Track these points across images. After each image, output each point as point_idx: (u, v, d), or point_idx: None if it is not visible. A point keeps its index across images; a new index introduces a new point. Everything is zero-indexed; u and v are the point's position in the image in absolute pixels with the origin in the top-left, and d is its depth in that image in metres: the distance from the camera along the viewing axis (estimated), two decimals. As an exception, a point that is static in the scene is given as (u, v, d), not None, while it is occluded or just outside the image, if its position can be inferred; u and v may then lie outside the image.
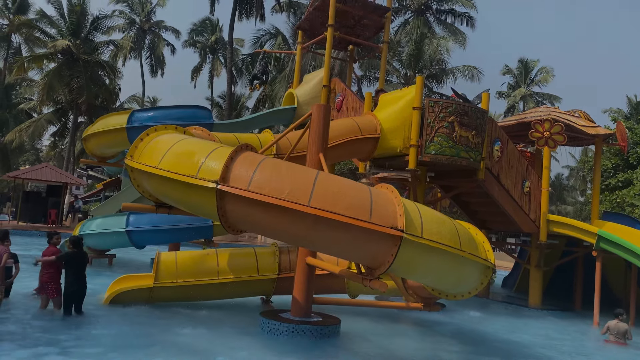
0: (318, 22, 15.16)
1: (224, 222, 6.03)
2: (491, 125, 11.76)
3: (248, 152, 6.25)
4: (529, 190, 12.73)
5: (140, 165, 6.63)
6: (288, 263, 9.87)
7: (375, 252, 5.82)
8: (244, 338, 7.66)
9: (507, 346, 9.08)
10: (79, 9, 34.48)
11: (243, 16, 33.52)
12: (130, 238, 12.95)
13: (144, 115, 12.42)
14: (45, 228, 23.73)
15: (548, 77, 49.03)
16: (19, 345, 6.42)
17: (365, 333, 8.84)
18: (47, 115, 38.04)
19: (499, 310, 12.93)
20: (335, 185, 5.89)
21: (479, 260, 6.54)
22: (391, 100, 11.39)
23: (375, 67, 31.89)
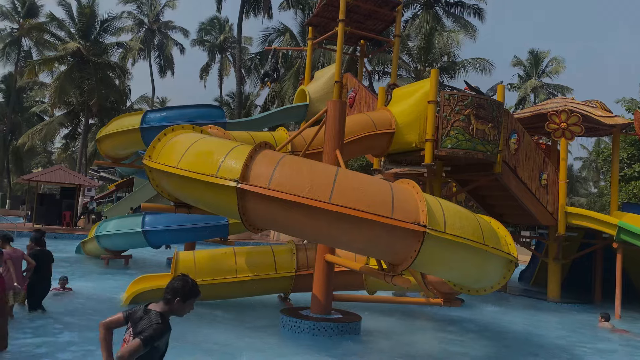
0: (328, 18, 15.06)
1: (244, 220, 6.00)
2: (507, 117, 11.63)
3: (267, 150, 6.21)
4: (546, 182, 12.59)
5: (159, 165, 6.62)
6: (305, 260, 9.84)
7: (398, 248, 5.76)
8: (265, 336, 7.65)
9: (529, 340, 8.99)
10: (88, 11, 34.69)
11: (251, 14, 33.48)
12: (146, 238, 13.01)
13: (158, 115, 12.41)
14: (60, 230, 23.95)
15: (559, 68, 48.57)
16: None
17: (385, 329, 8.79)
18: (59, 117, 38.35)
19: (517, 304, 12.81)
20: (355, 182, 5.83)
21: (501, 254, 6.46)
22: (405, 94, 11.29)
23: (384, 62, 31.74)
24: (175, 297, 3.44)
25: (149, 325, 3.30)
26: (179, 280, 3.52)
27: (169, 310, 3.46)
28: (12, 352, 6.12)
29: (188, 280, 3.53)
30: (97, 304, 9.35)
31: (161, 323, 3.34)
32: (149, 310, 3.43)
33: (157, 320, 3.34)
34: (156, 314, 3.38)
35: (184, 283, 3.49)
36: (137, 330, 3.33)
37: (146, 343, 3.22)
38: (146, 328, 3.28)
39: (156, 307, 3.45)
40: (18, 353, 6.14)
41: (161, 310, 3.43)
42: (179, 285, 3.48)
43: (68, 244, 19.20)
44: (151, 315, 3.38)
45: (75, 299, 9.62)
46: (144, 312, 3.44)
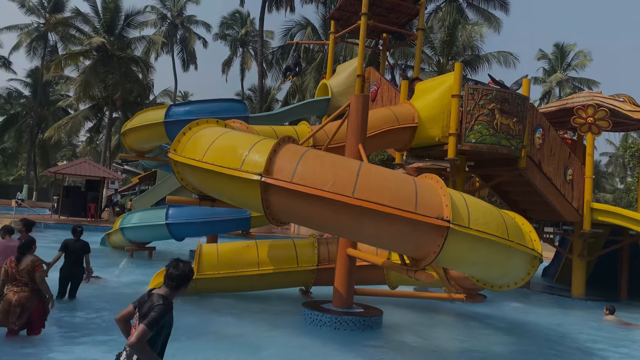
0: (351, 11, 15.02)
1: (268, 214, 6.05)
2: (532, 112, 11.46)
3: (290, 144, 6.23)
4: (571, 178, 12.38)
5: (184, 159, 6.70)
6: (327, 254, 9.88)
7: (421, 243, 5.74)
8: (287, 329, 7.71)
9: (553, 339, 8.87)
10: (112, 5, 35.13)
11: (273, 8, 33.50)
12: (169, 230, 13.18)
13: (181, 109, 12.52)
14: (85, 222, 24.39)
15: (585, 62, 47.62)
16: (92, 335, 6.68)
17: (407, 324, 8.78)
18: (84, 111, 39.00)
19: (541, 301, 12.67)
20: (379, 176, 5.82)
21: (526, 250, 6.38)
22: (428, 88, 11.20)
23: (406, 56, 31.47)
24: (172, 284, 3.71)
25: (152, 307, 3.52)
26: (173, 267, 3.75)
27: (170, 293, 3.70)
28: (42, 337, 6.30)
29: (179, 266, 3.75)
30: (123, 295, 9.52)
31: (162, 304, 3.55)
32: (152, 293, 3.67)
33: (158, 301, 3.56)
34: (158, 296, 3.61)
35: (178, 272, 3.72)
36: (142, 312, 3.55)
37: (151, 326, 3.44)
38: (150, 310, 3.50)
39: (159, 290, 3.70)
40: (48, 337, 6.33)
41: (163, 293, 3.66)
42: (173, 274, 3.72)
43: (92, 235, 19.50)
44: (153, 297, 3.61)
45: (102, 290, 9.81)
46: (148, 295, 3.69)
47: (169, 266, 3.76)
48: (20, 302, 5.98)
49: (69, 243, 8.39)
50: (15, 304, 5.96)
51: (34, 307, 6.12)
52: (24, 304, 6.00)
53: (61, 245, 8.34)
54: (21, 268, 6.07)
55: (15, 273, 6.04)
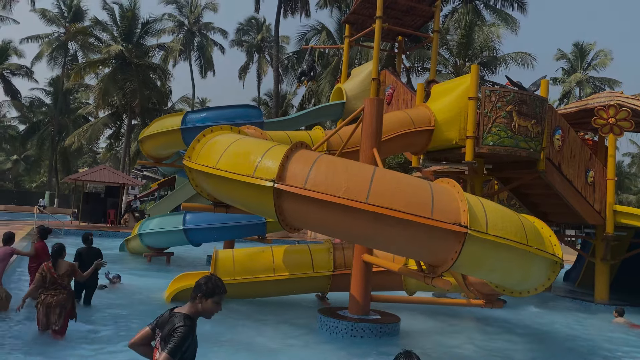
0: (365, 14, 14.94)
1: (281, 220, 6.00)
2: (551, 113, 11.25)
3: (303, 150, 6.18)
4: (593, 180, 12.11)
5: (198, 166, 6.69)
6: (342, 260, 9.80)
7: (438, 250, 5.63)
8: (303, 336, 7.65)
9: (577, 345, 8.66)
10: (130, 14, 35.58)
11: (288, 13, 33.59)
12: (187, 236, 13.25)
13: (197, 116, 12.59)
14: (105, 228, 24.68)
15: (606, 61, 46.73)
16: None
17: (424, 331, 8.65)
18: (103, 118, 39.53)
19: (563, 306, 12.40)
20: (393, 181, 5.73)
21: (546, 255, 6.23)
22: (445, 90, 11.07)
23: (422, 58, 31.28)
24: (198, 294, 3.30)
25: (174, 330, 3.17)
26: (204, 277, 3.41)
27: (194, 311, 3.32)
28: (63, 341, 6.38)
29: (212, 277, 3.41)
30: (141, 300, 9.59)
31: (184, 325, 3.18)
32: (174, 313, 3.30)
33: (180, 322, 3.20)
34: (180, 316, 3.24)
35: (207, 279, 3.36)
36: (163, 335, 3.24)
37: (174, 354, 3.11)
38: (172, 335, 3.16)
39: (181, 309, 3.33)
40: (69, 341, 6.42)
41: (187, 312, 3.29)
42: (201, 282, 3.34)
43: (112, 241, 19.74)
44: (174, 318, 3.25)
45: (121, 295, 9.88)
46: (169, 315, 3.31)
47: (200, 278, 3.42)
48: (60, 303, 6.39)
49: (82, 252, 8.46)
50: (55, 305, 6.35)
51: (69, 307, 6.55)
52: (63, 304, 6.43)
53: (76, 255, 8.40)
54: (61, 272, 6.53)
55: (56, 278, 6.46)
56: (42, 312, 6.38)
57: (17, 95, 51.09)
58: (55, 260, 6.60)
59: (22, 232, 18.78)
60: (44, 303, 6.38)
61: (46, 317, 6.38)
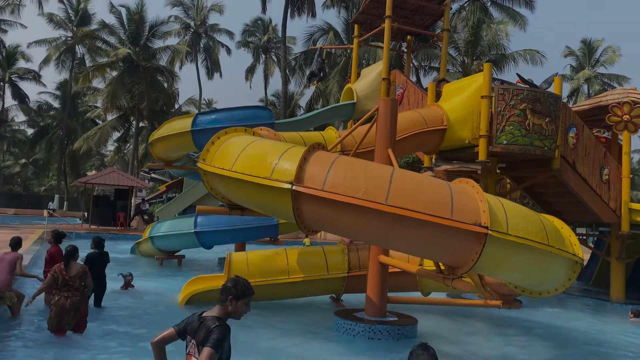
0: (374, 14, 14.88)
1: (299, 222, 5.94)
2: (565, 111, 11.14)
3: (320, 151, 6.13)
4: (607, 178, 11.98)
5: (213, 169, 6.66)
6: (357, 261, 9.74)
7: (458, 251, 5.56)
8: (320, 338, 7.59)
9: (595, 346, 8.55)
10: (137, 17, 35.68)
11: (295, 13, 33.57)
12: (198, 239, 13.23)
13: (208, 118, 12.56)
14: (115, 230, 24.75)
15: (615, 57, 46.38)
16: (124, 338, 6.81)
17: (442, 332, 8.56)
18: (111, 121, 39.69)
19: (578, 306, 12.29)
20: (412, 182, 5.67)
21: (567, 255, 6.14)
22: (457, 89, 10.99)
23: (430, 57, 31.16)
24: (228, 297, 3.36)
25: (210, 330, 3.22)
26: (231, 280, 3.46)
27: (224, 313, 3.38)
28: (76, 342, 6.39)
29: (239, 279, 3.46)
30: (154, 303, 9.58)
31: (220, 324, 3.26)
32: (204, 317, 3.35)
33: (214, 323, 3.26)
34: (212, 319, 3.30)
35: (235, 282, 3.42)
36: (199, 340, 3.25)
37: (216, 347, 3.15)
38: (210, 333, 3.20)
39: (211, 313, 3.37)
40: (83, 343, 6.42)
41: (217, 315, 3.35)
42: (231, 285, 3.41)
43: (123, 244, 19.80)
44: (207, 321, 3.30)
45: (133, 298, 9.87)
46: (199, 320, 3.35)
47: (227, 281, 3.49)
48: (74, 305, 6.51)
49: (93, 256, 8.44)
50: (68, 307, 6.47)
51: (83, 309, 6.68)
52: (77, 306, 6.56)
53: (86, 260, 8.38)
54: (73, 274, 6.58)
55: (67, 279, 6.52)
56: (54, 312, 6.48)
57: (25, 100, 51.42)
58: (67, 262, 6.67)
59: (33, 235, 18.88)
60: (57, 304, 6.48)
61: (58, 318, 6.48)
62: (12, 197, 52.10)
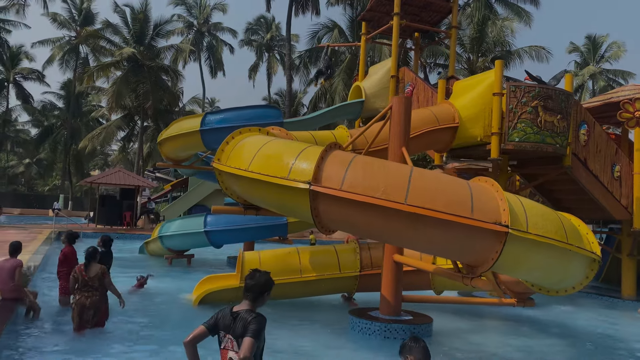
0: (382, 12, 14.85)
1: (317, 222, 5.93)
2: (576, 107, 11.09)
3: (338, 151, 6.11)
4: (619, 174, 11.93)
5: (229, 169, 6.64)
6: (369, 260, 9.71)
7: (478, 250, 5.54)
8: (335, 337, 7.58)
9: (610, 344, 8.52)
10: (142, 16, 35.67)
11: (299, 11, 33.50)
12: (208, 238, 13.23)
13: (216, 117, 12.50)
14: (121, 230, 24.78)
15: (619, 53, 46.17)
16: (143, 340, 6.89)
17: (457, 331, 8.54)
18: (116, 121, 39.72)
19: (590, 303, 12.24)
20: (432, 181, 5.65)
21: (585, 253, 6.11)
22: (468, 86, 10.95)
23: (435, 54, 31.07)
24: (265, 292, 3.59)
25: (249, 322, 3.37)
26: (260, 276, 3.62)
27: (254, 308, 3.55)
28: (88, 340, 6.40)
29: (263, 273, 3.68)
30: (167, 302, 9.59)
31: (256, 316, 3.42)
32: (237, 312, 3.47)
33: (251, 315, 3.41)
34: (247, 311, 3.45)
35: (265, 277, 3.63)
36: (237, 333, 3.37)
37: (257, 337, 3.31)
38: (249, 324, 3.35)
39: (242, 307, 3.51)
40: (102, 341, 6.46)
41: (249, 308, 3.51)
42: (262, 280, 3.59)
43: (130, 243, 19.82)
44: (243, 314, 3.44)
45: (145, 298, 9.87)
46: (232, 315, 3.47)
47: (246, 277, 3.65)
48: (94, 304, 6.72)
49: (101, 254, 8.44)
50: (89, 306, 6.69)
51: (103, 308, 6.90)
52: (97, 306, 6.77)
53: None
54: (92, 275, 6.75)
55: (86, 280, 6.70)
56: (76, 311, 6.71)
57: (29, 100, 51.49)
58: (88, 262, 6.84)
59: (42, 236, 18.90)
60: (78, 303, 6.71)
61: (79, 316, 6.71)
62: (17, 197, 52.21)
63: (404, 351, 3.36)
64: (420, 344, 3.36)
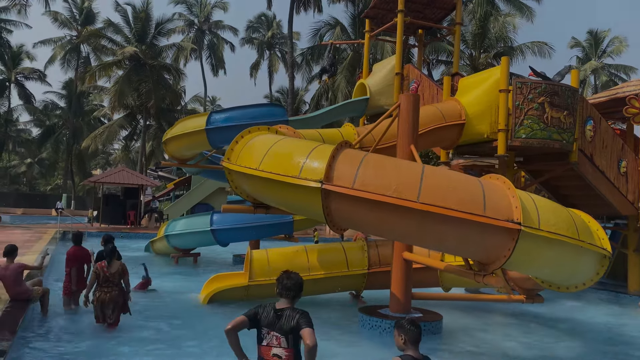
0: (385, 9, 14.79)
1: (329, 221, 5.94)
2: (582, 103, 11.08)
3: (349, 149, 6.12)
4: (625, 170, 11.92)
5: (239, 168, 6.65)
6: (377, 257, 9.74)
7: (490, 247, 5.55)
8: (346, 335, 7.60)
9: (618, 339, 8.53)
10: (143, 15, 35.64)
11: (301, 9, 33.44)
12: (215, 236, 13.25)
13: (222, 116, 12.50)
14: (125, 229, 24.81)
15: (621, 47, 46.06)
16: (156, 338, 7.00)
17: (466, 328, 8.56)
18: (119, 120, 39.71)
19: (597, 299, 12.26)
20: (443, 179, 5.66)
21: (597, 249, 6.13)
22: (473, 83, 10.93)
23: (438, 50, 31.02)
24: (300, 292, 3.86)
25: (299, 317, 3.65)
26: (293, 277, 3.88)
27: (294, 303, 3.82)
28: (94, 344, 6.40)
29: (296, 273, 3.96)
30: (176, 301, 9.62)
31: (302, 311, 3.72)
32: (280, 309, 3.72)
33: (296, 311, 3.70)
34: (291, 309, 3.73)
35: (296, 277, 3.89)
36: (286, 329, 3.62)
37: (313, 326, 3.66)
38: (301, 319, 3.64)
39: (283, 304, 3.76)
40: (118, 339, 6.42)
41: (291, 305, 3.78)
42: (300, 280, 3.88)
43: (134, 242, 19.84)
44: (288, 311, 3.70)
45: (154, 297, 9.90)
46: (276, 312, 3.71)
47: (281, 279, 3.85)
48: (113, 299, 7.06)
49: (103, 253, 8.45)
50: (109, 301, 7.02)
51: (122, 303, 7.21)
52: (117, 301, 7.10)
53: (97, 258, 8.39)
54: (113, 271, 7.10)
55: (108, 276, 7.04)
56: (98, 307, 7.06)
57: (30, 99, 51.49)
58: (110, 259, 7.15)
59: (47, 235, 18.94)
60: (98, 299, 7.03)
61: (102, 311, 7.07)
62: (19, 197, 52.24)
63: (400, 329, 3.75)
64: (417, 330, 3.69)
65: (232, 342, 3.79)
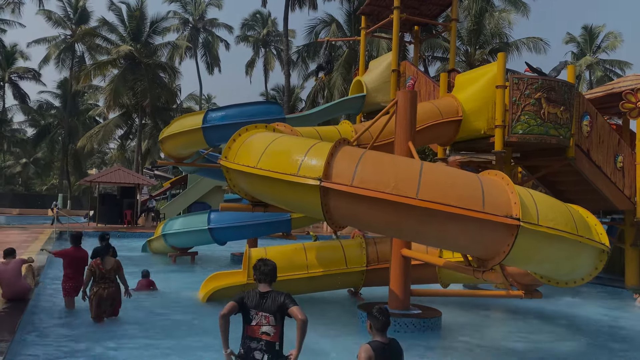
0: (381, 5, 14.77)
1: (328, 218, 5.93)
2: (579, 99, 11.10)
3: (347, 147, 6.11)
4: (622, 165, 11.96)
5: (237, 166, 6.63)
6: (375, 254, 9.73)
7: (490, 243, 5.56)
8: (345, 333, 7.61)
9: (617, 333, 8.57)
10: (138, 13, 35.48)
11: (296, 6, 33.36)
12: (212, 235, 13.22)
13: (218, 114, 12.45)
14: (122, 229, 24.73)
15: (616, 43, 46.15)
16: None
17: (465, 324, 8.58)
18: (115, 119, 39.55)
19: (595, 294, 12.31)
20: (442, 176, 5.66)
21: (595, 244, 6.14)
22: (470, 79, 10.94)
23: (433, 47, 31.01)
24: (276, 275, 4.32)
25: (284, 298, 4.10)
26: (270, 261, 4.34)
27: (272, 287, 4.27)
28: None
29: (267, 261, 4.39)
30: (175, 299, 9.60)
31: (285, 293, 4.16)
32: (265, 293, 4.14)
33: (280, 293, 4.15)
34: (274, 291, 4.17)
35: (272, 265, 4.33)
36: (273, 309, 4.05)
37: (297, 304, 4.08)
38: (285, 299, 4.09)
39: (266, 288, 4.19)
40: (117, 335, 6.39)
41: (272, 289, 4.22)
42: (274, 265, 4.33)
43: (131, 242, 19.79)
44: (272, 293, 4.14)
45: (153, 295, 9.87)
46: (261, 295, 4.13)
47: (258, 266, 4.26)
48: (111, 295, 7.31)
49: (99, 250, 8.40)
50: (106, 297, 7.25)
51: (119, 298, 7.47)
52: (114, 296, 7.37)
53: (93, 253, 8.33)
54: (108, 268, 7.30)
55: (104, 272, 7.25)
56: (94, 302, 7.23)
57: (25, 99, 51.24)
58: (103, 256, 7.34)
59: (43, 236, 18.86)
60: (96, 295, 7.21)
61: (98, 307, 7.24)
62: (15, 197, 52.01)
63: (370, 317, 4.06)
64: (384, 318, 4.00)
65: (223, 328, 4.07)
